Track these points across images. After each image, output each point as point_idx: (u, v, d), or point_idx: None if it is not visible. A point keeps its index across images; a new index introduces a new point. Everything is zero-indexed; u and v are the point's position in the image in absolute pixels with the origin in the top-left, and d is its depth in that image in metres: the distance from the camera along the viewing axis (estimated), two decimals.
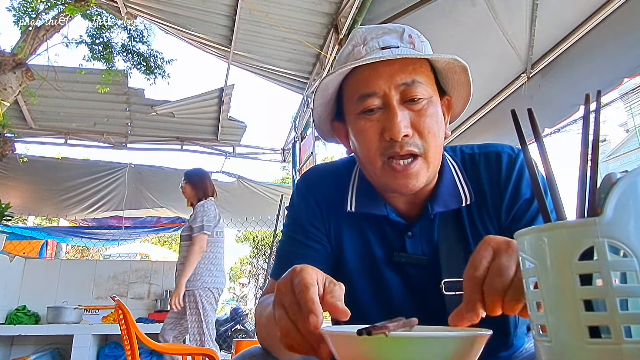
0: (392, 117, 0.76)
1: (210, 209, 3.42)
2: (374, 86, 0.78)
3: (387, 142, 0.78)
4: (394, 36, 0.83)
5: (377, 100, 0.78)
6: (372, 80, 0.78)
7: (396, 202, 0.87)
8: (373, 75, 0.78)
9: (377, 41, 0.82)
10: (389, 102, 0.77)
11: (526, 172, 0.85)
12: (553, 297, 0.39)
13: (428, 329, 0.64)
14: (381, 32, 0.84)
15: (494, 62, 3.22)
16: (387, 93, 0.78)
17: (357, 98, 0.80)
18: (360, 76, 0.79)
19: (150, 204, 6.73)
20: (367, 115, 0.79)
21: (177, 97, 5.82)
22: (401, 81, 0.78)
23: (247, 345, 3.57)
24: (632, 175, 0.38)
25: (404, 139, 0.76)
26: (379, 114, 0.79)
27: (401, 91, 0.78)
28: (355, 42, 0.84)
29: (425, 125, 0.78)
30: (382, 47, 0.81)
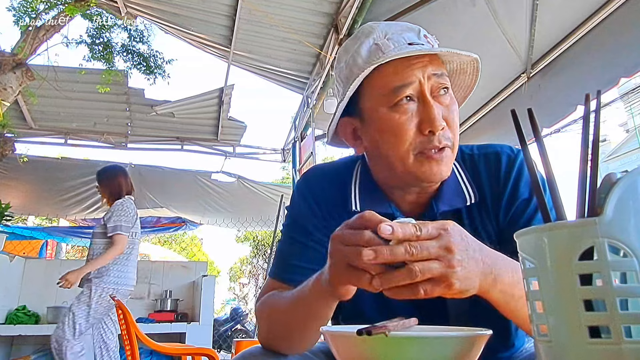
0: (430, 109, 0.77)
1: (129, 209, 3.32)
2: (410, 77, 0.78)
3: (424, 136, 0.78)
4: (412, 34, 0.84)
5: (412, 91, 0.78)
6: (407, 72, 0.78)
7: (400, 201, 0.87)
8: (406, 67, 0.78)
9: (402, 37, 0.82)
10: (424, 94, 0.78)
11: (525, 172, 0.85)
12: (553, 297, 0.39)
13: (428, 329, 0.64)
14: (400, 29, 0.84)
15: (494, 62, 3.22)
16: (422, 83, 0.78)
17: (391, 90, 0.79)
18: (391, 69, 0.79)
19: (150, 204, 6.72)
20: (402, 107, 0.78)
21: (177, 97, 5.82)
22: (433, 72, 0.79)
23: (247, 345, 3.57)
24: (632, 175, 0.38)
25: (441, 132, 0.77)
26: (414, 107, 0.79)
27: (432, 82, 0.79)
28: (377, 36, 0.83)
29: (453, 118, 0.80)
30: (408, 42, 0.81)
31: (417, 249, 0.55)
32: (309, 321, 0.74)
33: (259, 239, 14.99)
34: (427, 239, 0.57)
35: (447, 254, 0.56)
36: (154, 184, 6.53)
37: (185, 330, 4.03)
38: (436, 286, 0.56)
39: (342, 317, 0.94)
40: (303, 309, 0.73)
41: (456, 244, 0.57)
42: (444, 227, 0.58)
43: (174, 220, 7.55)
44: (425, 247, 0.56)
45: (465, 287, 0.58)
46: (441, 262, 0.56)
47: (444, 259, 0.56)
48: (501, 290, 0.63)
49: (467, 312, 0.80)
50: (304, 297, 0.72)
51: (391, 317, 0.63)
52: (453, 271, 0.56)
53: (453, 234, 0.58)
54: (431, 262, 0.56)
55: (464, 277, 0.57)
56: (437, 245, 0.57)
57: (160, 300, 4.36)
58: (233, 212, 7.06)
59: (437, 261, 0.56)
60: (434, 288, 0.56)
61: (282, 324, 0.79)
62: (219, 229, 8.15)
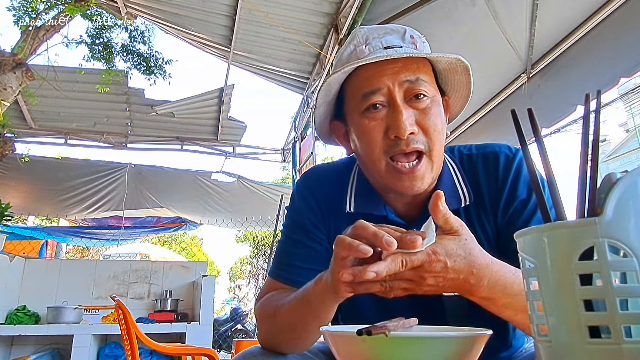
0: (397, 115, 0.76)
1: None
2: (378, 83, 0.78)
3: (392, 141, 0.77)
4: (395, 36, 0.83)
5: (381, 98, 0.78)
6: (376, 78, 0.78)
7: (395, 202, 0.87)
8: (377, 73, 0.78)
9: (380, 41, 0.82)
10: (393, 100, 0.77)
11: (523, 172, 0.85)
12: (553, 297, 0.39)
13: (428, 329, 0.64)
14: (383, 32, 0.84)
15: (494, 62, 3.21)
16: (391, 90, 0.78)
17: (361, 96, 0.79)
18: (364, 75, 0.79)
19: (150, 204, 6.72)
20: (371, 113, 0.79)
21: (177, 97, 5.82)
22: (405, 78, 0.78)
23: (247, 345, 3.57)
24: (632, 175, 0.38)
25: (410, 136, 0.76)
26: (383, 113, 0.79)
27: (405, 89, 0.78)
28: (357, 42, 0.84)
29: (430, 122, 0.78)
30: (385, 46, 0.81)
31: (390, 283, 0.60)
32: (310, 321, 0.75)
33: (259, 239, 14.99)
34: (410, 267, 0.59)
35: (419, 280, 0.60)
36: (154, 184, 6.53)
37: (185, 330, 4.02)
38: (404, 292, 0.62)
39: (342, 317, 0.94)
40: (306, 309, 0.74)
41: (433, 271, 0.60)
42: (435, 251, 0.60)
43: (174, 220, 7.55)
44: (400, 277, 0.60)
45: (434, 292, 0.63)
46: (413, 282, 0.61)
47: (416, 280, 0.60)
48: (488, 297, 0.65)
49: (466, 312, 0.80)
50: (307, 297, 0.73)
51: (391, 317, 0.63)
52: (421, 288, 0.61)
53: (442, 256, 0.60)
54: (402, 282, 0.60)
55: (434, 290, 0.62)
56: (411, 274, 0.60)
57: (160, 300, 4.35)
58: (233, 212, 7.06)
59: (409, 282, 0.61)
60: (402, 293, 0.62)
61: (284, 324, 0.79)
62: (219, 229, 8.16)
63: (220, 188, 6.69)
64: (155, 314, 4.21)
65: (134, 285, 4.54)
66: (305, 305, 0.74)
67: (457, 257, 0.61)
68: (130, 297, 4.48)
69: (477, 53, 3.19)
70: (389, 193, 0.86)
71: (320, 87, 0.82)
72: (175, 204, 6.91)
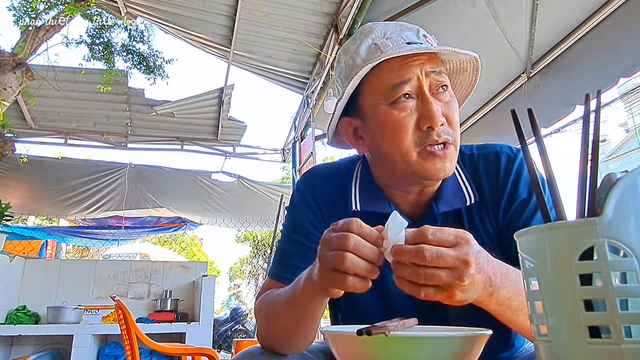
0: (429, 105, 0.78)
1: None
2: (408, 74, 0.79)
3: (423, 132, 0.78)
4: (411, 33, 0.84)
5: (411, 89, 0.79)
6: (405, 69, 0.79)
7: (400, 201, 0.87)
8: (405, 65, 0.79)
9: (400, 36, 0.83)
10: (422, 91, 0.79)
11: (524, 172, 0.85)
12: (553, 297, 0.39)
13: (428, 329, 0.64)
14: (399, 29, 0.84)
15: (494, 62, 3.21)
16: (420, 80, 0.79)
17: (390, 87, 0.79)
18: (390, 67, 0.80)
19: (150, 204, 6.72)
20: (401, 104, 0.79)
21: (177, 97, 5.83)
22: (431, 69, 0.80)
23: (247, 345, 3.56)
24: (632, 175, 0.38)
25: (441, 127, 0.78)
26: (412, 104, 0.79)
27: (431, 80, 0.79)
28: (376, 36, 0.83)
29: (454, 114, 0.81)
30: (407, 42, 0.82)
31: (433, 255, 0.54)
32: (302, 319, 0.75)
33: (259, 239, 14.98)
34: (444, 245, 0.55)
35: (461, 266, 0.55)
36: (154, 184, 6.53)
37: (185, 330, 4.02)
38: (438, 293, 0.56)
39: (342, 317, 0.94)
40: (296, 307, 0.74)
41: (474, 257, 0.56)
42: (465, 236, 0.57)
43: (174, 220, 7.55)
44: (442, 256, 0.54)
45: (465, 299, 0.58)
46: (453, 272, 0.55)
47: (456, 271, 0.55)
48: (498, 302, 0.63)
49: (467, 312, 0.80)
50: (296, 296, 0.72)
51: (391, 317, 0.63)
52: (461, 284, 0.55)
53: (473, 245, 0.57)
54: (440, 271, 0.54)
55: (468, 291, 0.57)
56: (454, 255, 0.55)
57: (160, 300, 4.35)
58: (233, 212, 7.06)
59: (448, 271, 0.55)
60: (435, 294, 0.56)
61: (278, 324, 0.80)
62: (219, 229, 8.16)
63: (220, 188, 6.69)
64: (155, 314, 4.21)
65: (134, 285, 4.54)
66: (296, 308, 0.74)
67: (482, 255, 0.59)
68: (130, 297, 4.48)
69: (477, 53, 3.18)
70: (397, 191, 0.86)
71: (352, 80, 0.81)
72: (175, 204, 6.91)
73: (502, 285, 0.61)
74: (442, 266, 0.54)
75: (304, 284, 0.69)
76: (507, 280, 0.62)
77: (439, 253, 0.54)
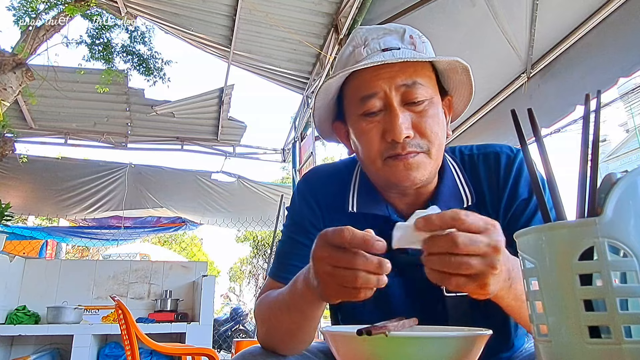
0: (393, 118, 0.77)
1: None
2: (375, 87, 0.78)
3: (388, 144, 0.78)
4: (395, 37, 0.83)
5: (379, 102, 0.78)
6: (373, 82, 0.78)
7: (397, 202, 0.87)
8: (374, 77, 0.78)
9: (378, 42, 0.82)
10: (390, 104, 0.78)
11: (524, 172, 0.85)
12: (553, 297, 0.39)
13: (428, 329, 0.64)
14: (382, 33, 0.84)
15: (494, 62, 3.21)
16: (387, 94, 0.78)
17: (359, 100, 0.80)
18: (361, 78, 0.80)
19: (150, 204, 6.72)
20: (368, 117, 0.80)
21: (177, 97, 5.83)
22: (402, 82, 0.78)
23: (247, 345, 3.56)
24: (632, 175, 0.38)
25: (406, 140, 0.77)
26: (380, 116, 0.79)
27: (402, 93, 0.78)
28: (356, 43, 0.84)
29: (427, 125, 0.78)
30: (383, 48, 0.81)
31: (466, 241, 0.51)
32: (301, 322, 0.75)
33: (259, 239, 14.99)
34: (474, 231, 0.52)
35: (492, 253, 0.52)
36: (154, 184, 6.53)
37: (185, 330, 4.02)
38: (470, 282, 0.53)
39: (342, 317, 0.94)
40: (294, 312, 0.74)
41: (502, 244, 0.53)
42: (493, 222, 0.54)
43: (174, 220, 7.55)
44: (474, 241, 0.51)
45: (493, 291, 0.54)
46: (484, 260, 0.52)
47: (487, 258, 0.52)
48: (514, 297, 0.61)
49: (466, 312, 0.80)
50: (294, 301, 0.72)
51: (392, 315, 0.63)
52: (494, 272, 0.52)
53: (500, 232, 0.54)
54: (472, 258, 0.52)
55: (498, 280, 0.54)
56: (486, 242, 0.52)
57: (160, 300, 4.35)
58: (233, 212, 7.06)
59: (480, 258, 0.52)
60: (467, 283, 0.53)
61: (277, 325, 0.80)
62: (219, 229, 8.16)
63: (220, 188, 6.69)
64: (155, 314, 4.21)
65: (134, 285, 4.54)
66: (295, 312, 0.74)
67: None
68: (130, 297, 4.48)
69: (477, 53, 3.19)
70: (391, 192, 0.86)
71: (319, 89, 0.83)
72: (175, 204, 6.91)
73: (518, 279, 0.60)
74: (475, 253, 0.52)
75: (302, 291, 0.68)
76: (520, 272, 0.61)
77: (472, 239, 0.51)
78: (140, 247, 10.79)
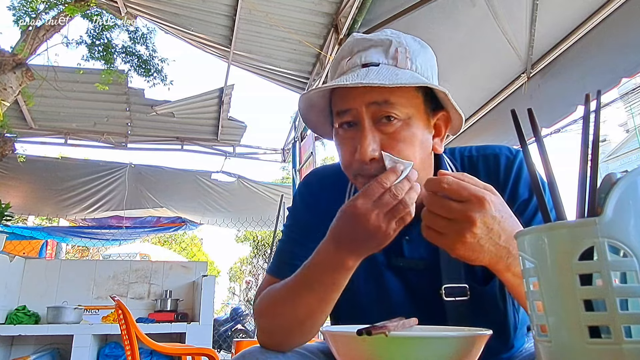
0: (361, 138, 0.75)
1: None
2: (349, 103, 0.77)
3: (358, 161, 0.76)
4: (379, 50, 0.81)
5: (351, 118, 0.78)
6: (348, 98, 0.78)
7: None
8: (349, 93, 0.78)
9: (361, 56, 0.81)
10: (361, 122, 0.76)
11: (524, 173, 0.85)
12: (553, 297, 0.39)
13: (428, 329, 0.65)
14: (368, 45, 0.82)
15: (494, 62, 3.21)
16: (359, 111, 0.76)
17: (336, 113, 0.80)
18: (338, 93, 0.80)
19: (150, 204, 6.73)
20: (344, 130, 0.80)
21: (177, 97, 5.83)
22: (372, 100, 0.76)
23: (247, 345, 3.57)
24: (632, 175, 0.38)
25: (372, 162, 0.75)
26: (353, 131, 0.78)
27: (372, 111, 0.76)
28: (343, 54, 0.84)
29: (397, 147, 0.75)
30: (363, 63, 0.80)
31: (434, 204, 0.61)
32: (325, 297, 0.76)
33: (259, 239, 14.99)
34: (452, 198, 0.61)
35: (463, 221, 0.60)
36: (154, 184, 6.53)
37: (185, 330, 4.02)
38: (441, 239, 0.62)
39: (342, 317, 0.94)
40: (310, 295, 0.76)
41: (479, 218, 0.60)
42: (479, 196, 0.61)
43: (174, 220, 7.55)
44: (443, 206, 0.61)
45: (468, 258, 0.62)
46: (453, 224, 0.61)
47: (457, 224, 0.61)
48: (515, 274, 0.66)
49: (467, 312, 0.80)
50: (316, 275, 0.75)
51: (391, 317, 0.63)
52: (461, 239, 0.60)
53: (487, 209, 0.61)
54: (440, 219, 0.61)
55: (471, 249, 0.61)
56: (458, 209, 0.61)
57: (160, 300, 4.35)
58: (233, 212, 7.06)
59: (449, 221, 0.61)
60: (439, 239, 0.63)
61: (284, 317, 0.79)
62: (219, 229, 8.16)
63: (220, 188, 6.69)
64: (155, 314, 4.21)
65: (134, 285, 4.54)
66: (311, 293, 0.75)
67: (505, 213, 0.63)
68: (130, 297, 4.48)
69: (477, 53, 3.19)
70: None
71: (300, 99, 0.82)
72: (175, 204, 6.91)
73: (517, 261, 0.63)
74: (443, 215, 0.61)
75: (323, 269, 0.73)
76: None
77: (441, 203, 0.62)
78: (140, 247, 10.79)
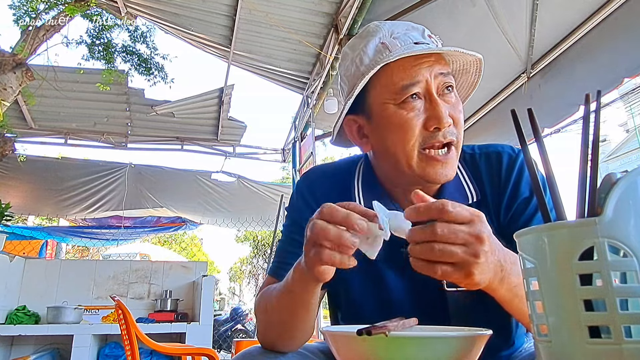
0: (436, 106, 0.78)
1: None
2: (418, 75, 0.79)
3: (429, 133, 0.79)
4: (418, 33, 0.85)
5: (419, 89, 0.80)
6: (415, 70, 0.79)
7: (403, 199, 0.87)
8: (415, 66, 0.79)
9: (408, 36, 0.83)
10: (430, 92, 0.79)
11: (526, 171, 0.85)
12: (553, 297, 0.39)
13: (428, 329, 0.64)
14: (405, 29, 0.85)
15: (494, 62, 3.21)
16: (429, 82, 0.79)
17: (400, 88, 0.80)
18: (400, 67, 0.80)
19: (150, 204, 6.72)
20: (410, 104, 0.80)
21: (177, 97, 5.83)
22: (440, 71, 0.80)
23: (247, 345, 3.56)
24: (632, 175, 0.38)
25: (447, 128, 0.79)
26: (420, 105, 0.80)
27: (439, 81, 0.80)
28: (383, 35, 0.84)
29: (459, 115, 0.82)
30: (415, 42, 0.82)
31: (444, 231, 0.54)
32: (297, 310, 0.75)
33: (259, 239, 14.99)
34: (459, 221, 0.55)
35: (476, 242, 0.55)
36: (154, 184, 6.53)
37: (185, 330, 4.01)
38: (456, 271, 0.56)
39: (342, 317, 0.94)
40: (290, 298, 0.75)
41: (487, 234, 0.56)
42: (478, 214, 0.57)
43: (174, 220, 7.55)
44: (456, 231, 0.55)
45: (481, 281, 0.57)
46: (467, 249, 0.55)
47: (470, 247, 0.55)
48: (507, 289, 0.63)
49: (467, 311, 0.80)
50: (289, 286, 0.73)
51: (391, 317, 0.63)
52: (477, 261, 0.55)
53: (486, 224, 0.58)
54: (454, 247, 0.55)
55: (484, 270, 0.57)
56: (467, 231, 0.55)
57: (160, 300, 4.35)
58: (233, 212, 7.06)
59: (462, 247, 0.55)
60: (453, 272, 0.56)
61: (275, 316, 0.80)
62: (219, 229, 8.16)
63: (220, 188, 6.69)
64: (155, 314, 4.21)
65: (134, 285, 4.54)
66: (291, 298, 0.74)
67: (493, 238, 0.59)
68: (130, 297, 4.48)
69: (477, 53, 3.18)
70: (397, 188, 0.87)
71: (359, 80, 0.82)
72: (175, 204, 6.91)
73: (512, 272, 0.62)
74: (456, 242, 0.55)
75: (294, 273, 0.70)
76: (515, 266, 0.62)
77: (454, 228, 0.55)
78: (140, 247, 10.79)
